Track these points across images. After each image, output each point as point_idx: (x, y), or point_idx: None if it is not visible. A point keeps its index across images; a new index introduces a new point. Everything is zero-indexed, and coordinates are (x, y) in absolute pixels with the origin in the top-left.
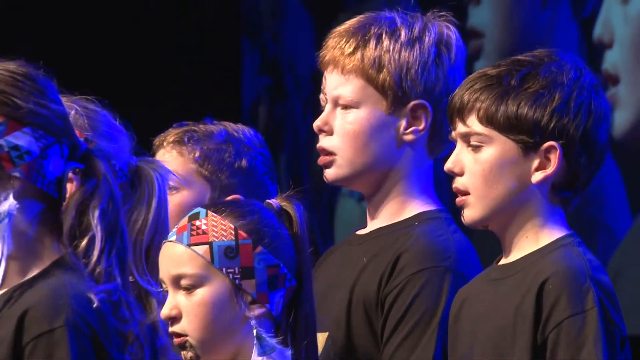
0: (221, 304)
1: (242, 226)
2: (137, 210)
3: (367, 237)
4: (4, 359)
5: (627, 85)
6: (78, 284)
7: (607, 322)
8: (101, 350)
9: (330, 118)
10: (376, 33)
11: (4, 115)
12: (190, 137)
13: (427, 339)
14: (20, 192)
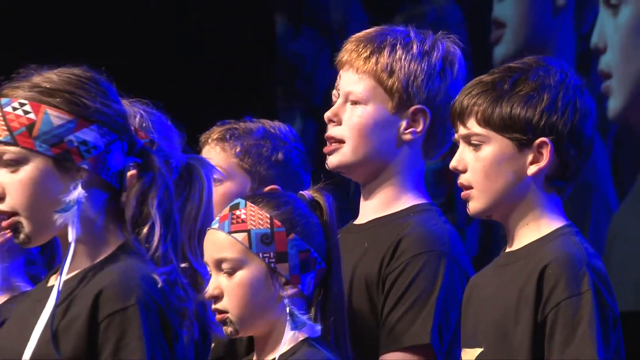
0: (258, 285)
1: (277, 215)
2: (190, 202)
3: (365, 226)
4: (79, 333)
5: (618, 79)
6: (143, 266)
7: (600, 304)
8: (167, 325)
9: (340, 111)
10: (391, 42)
11: (74, 114)
12: (231, 134)
13: (426, 314)
14: (87, 182)
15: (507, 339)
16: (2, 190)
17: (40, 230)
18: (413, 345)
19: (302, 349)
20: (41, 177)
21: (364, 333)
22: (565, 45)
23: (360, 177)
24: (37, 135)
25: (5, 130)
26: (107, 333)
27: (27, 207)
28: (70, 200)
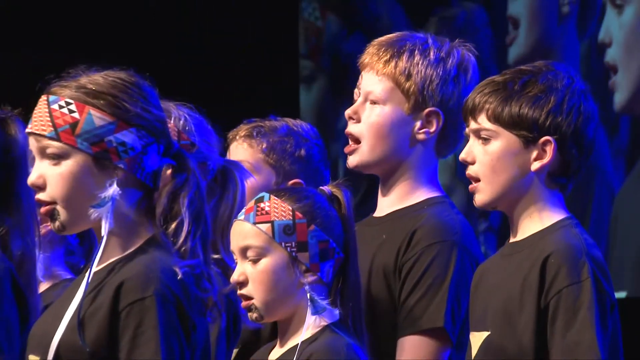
0: (280, 272)
1: (299, 208)
2: (224, 203)
3: (383, 219)
4: (101, 322)
5: (622, 72)
6: (166, 259)
7: (599, 291)
8: (184, 315)
9: (360, 109)
10: (410, 48)
11: (115, 116)
12: (258, 131)
13: (439, 299)
14: (122, 180)
15: (512, 324)
16: (43, 181)
17: (74, 220)
18: (428, 329)
19: (323, 335)
20: (80, 173)
21: (382, 318)
22: (570, 49)
23: (378, 172)
24: (79, 134)
25: (51, 126)
26: (126, 321)
27: (65, 198)
28: (106, 196)
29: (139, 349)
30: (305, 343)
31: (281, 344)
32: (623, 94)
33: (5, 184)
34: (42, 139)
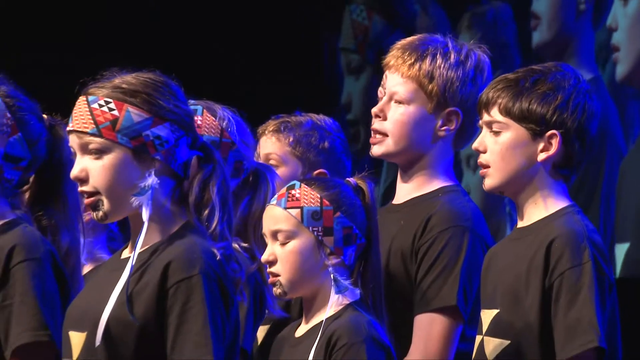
0: (307, 254)
1: (326, 196)
2: (255, 202)
3: (401, 206)
4: (149, 298)
5: (623, 52)
6: (204, 242)
7: (598, 273)
8: (224, 292)
9: (385, 108)
10: (432, 52)
11: (151, 112)
12: (285, 126)
13: (452, 280)
14: (159, 171)
15: (519, 302)
16: (85, 174)
17: (116, 209)
18: (442, 307)
19: (346, 312)
20: (121, 165)
21: (400, 297)
22: (585, 38)
23: (399, 162)
24: (119, 129)
25: (92, 124)
26: (174, 298)
27: (108, 188)
28: (145, 185)
29: (187, 324)
30: (329, 320)
31: (306, 321)
32: (623, 68)
33: (53, 182)
34: (84, 136)
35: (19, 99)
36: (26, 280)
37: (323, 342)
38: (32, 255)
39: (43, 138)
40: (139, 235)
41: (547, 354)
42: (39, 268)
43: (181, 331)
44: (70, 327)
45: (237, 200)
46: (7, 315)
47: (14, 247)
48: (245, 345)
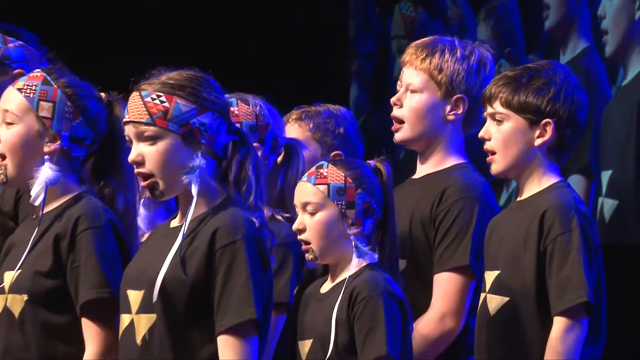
0: (332, 224)
1: (350, 175)
2: (290, 171)
3: (421, 180)
4: (200, 260)
5: (610, 36)
6: (243, 212)
7: (585, 237)
8: (262, 255)
9: (402, 97)
10: (441, 48)
11: (196, 103)
12: (306, 114)
13: (465, 244)
14: (204, 153)
15: (518, 264)
16: (142, 158)
17: (170, 187)
18: (457, 266)
19: (365, 272)
20: (172, 149)
21: (421, 258)
22: (584, 20)
23: (418, 146)
24: (170, 118)
25: (147, 114)
26: (221, 259)
27: (162, 170)
28: (194, 165)
29: (232, 281)
30: (351, 278)
31: (332, 280)
32: (611, 47)
33: (111, 152)
34: (139, 125)
35: (77, 87)
36: (89, 245)
37: (346, 296)
38: (94, 223)
39: (102, 116)
40: (189, 207)
41: (541, 309)
42: (100, 235)
43: (227, 287)
44: (128, 286)
45: (276, 173)
46: (75, 276)
47: (79, 217)
48: (290, 298)
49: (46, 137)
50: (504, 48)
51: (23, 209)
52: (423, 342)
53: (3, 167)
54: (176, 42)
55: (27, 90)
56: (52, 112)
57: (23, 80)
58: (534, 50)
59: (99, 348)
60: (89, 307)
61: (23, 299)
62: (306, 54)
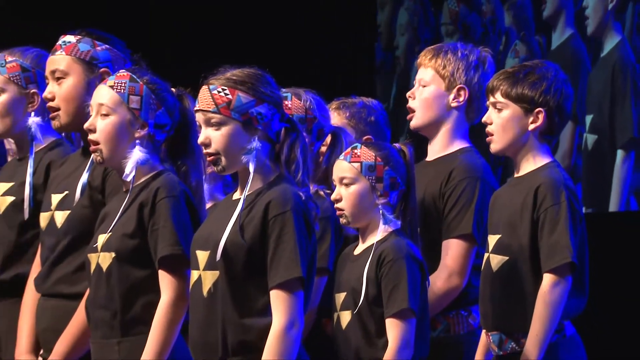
0: (364, 195)
1: (379, 155)
2: (335, 154)
3: (432, 162)
4: (256, 227)
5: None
6: (292, 187)
7: (572, 209)
8: (308, 223)
9: (416, 91)
10: (445, 50)
11: (254, 96)
12: (343, 105)
13: (469, 215)
14: (260, 137)
15: (515, 230)
16: (209, 141)
17: (231, 165)
18: (462, 234)
19: (391, 237)
20: (234, 133)
21: (432, 227)
22: (569, 11)
23: (427, 132)
24: (232, 108)
25: (213, 105)
26: (273, 227)
27: (225, 150)
28: (252, 147)
29: (282, 245)
30: (379, 243)
31: (362, 242)
32: (591, 29)
33: (184, 137)
34: (207, 113)
35: (157, 83)
36: (166, 211)
37: (375, 258)
38: (171, 193)
39: (177, 107)
40: (247, 183)
41: (534, 267)
42: (175, 203)
43: (277, 250)
44: (197, 247)
45: (321, 155)
46: (155, 236)
47: (158, 188)
48: (329, 265)
49: (136, 125)
50: (520, 32)
51: (109, 183)
52: (433, 296)
53: (99, 150)
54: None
55: (117, 87)
56: (140, 104)
57: (112, 79)
58: (539, 33)
59: (172, 295)
60: (165, 261)
61: (111, 256)
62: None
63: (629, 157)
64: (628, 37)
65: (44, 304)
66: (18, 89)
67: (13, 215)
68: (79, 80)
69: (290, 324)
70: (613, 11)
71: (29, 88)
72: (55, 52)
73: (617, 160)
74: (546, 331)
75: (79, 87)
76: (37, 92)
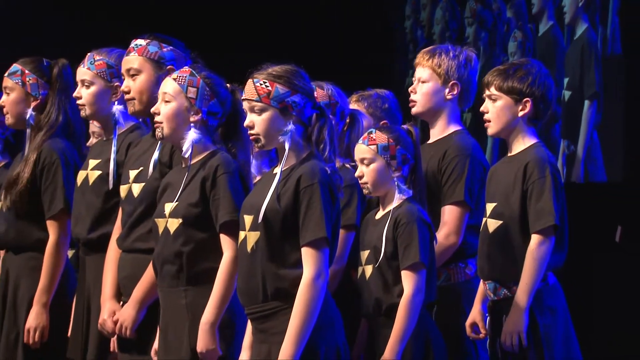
0: (381, 171)
1: (391, 137)
2: (354, 132)
3: (432, 144)
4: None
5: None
6: (320, 163)
7: (554, 182)
8: (332, 193)
9: (416, 86)
10: (439, 52)
11: (290, 87)
12: (361, 97)
13: (461, 185)
14: (295, 121)
15: (508, 199)
16: (253, 124)
17: (269, 143)
18: (456, 201)
19: (404, 204)
20: (273, 118)
21: (433, 197)
22: (550, 9)
23: (427, 118)
24: (272, 98)
25: (256, 94)
26: (303, 196)
27: (265, 132)
28: (287, 130)
29: (310, 210)
30: (395, 209)
31: (382, 208)
32: (567, 19)
33: (235, 124)
34: (251, 102)
35: (212, 78)
36: (225, 184)
37: (392, 221)
38: (228, 169)
39: (229, 99)
40: (283, 159)
41: (524, 229)
42: (232, 177)
43: (307, 215)
44: (244, 212)
45: (343, 133)
46: (216, 205)
47: (218, 165)
48: (356, 222)
49: (192, 111)
50: (518, 22)
51: (175, 160)
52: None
53: (160, 127)
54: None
55: (179, 79)
56: (196, 94)
57: (176, 73)
58: (530, 22)
59: (232, 253)
60: (225, 226)
61: (179, 221)
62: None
63: (592, 105)
64: (592, 25)
65: (124, 258)
66: (104, 82)
67: (100, 186)
68: (150, 76)
69: (317, 275)
70: (582, 7)
71: (113, 82)
72: (130, 54)
73: (585, 108)
74: (533, 281)
75: (149, 82)
76: (120, 85)
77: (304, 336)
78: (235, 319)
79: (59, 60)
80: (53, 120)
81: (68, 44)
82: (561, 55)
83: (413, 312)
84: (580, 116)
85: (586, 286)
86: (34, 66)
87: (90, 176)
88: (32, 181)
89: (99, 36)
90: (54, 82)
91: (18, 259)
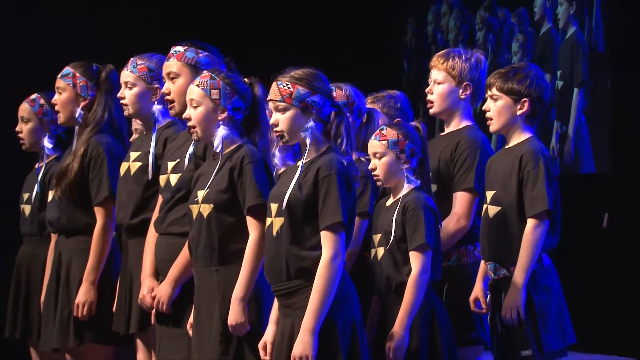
0: (392, 164)
1: (400, 133)
2: (370, 128)
3: (445, 136)
4: (310, 186)
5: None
6: (338, 156)
7: (548, 171)
8: (348, 182)
9: (433, 88)
10: (452, 55)
11: (310, 89)
12: (376, 98)
13: (471, 174)
14: (315, 119)
15: (506, 186)
16: (277, 122)
17: (292, 138)
18: (466, 188)
19: (412, 192)
20: (295, 116)
21: (445, 183)
22: (549, 16)
23: (443, 117)
24: (294, 98)
25: (279, 95)
26: (322, 185)
27: (288, 129)
28: (308, 126)
29: (328, 198)
30: (404, 197)
31: (393, 197)
32: (560, 24)
33: (256, 114)
34: (275, 102)
35: (231, 77)
36: (251, 172)
37: (401, 208)
38: (254, 159)
39: (248, 94)
40: (305, 153)
41: (520, 214)
42: (257, 166)
43: (325, 202)
44: (271, 200)
45: (360, 129)
46: (243, 191)
47: (244, 156)
48: (370, 210)
49: (218, 110)
50: (520, 26)
51: (208, 154)
52: (447, 234)
53: (195, 132)
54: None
55: (202, 85)
56: (219, 95)
57: (198, 79)
58: (531, 27)
59: (258, 234)
60: (252, 209)
61: (211, 207)
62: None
63: (580, 92)
64: (580, 27)
65: (161, 241)
66: (145, 84)
67: (140, 176)
68: (187, 80)
69: (334, 255)
70: (572, 15)
71: (153, 84)
72: (169, 59)
73: (574, 94)
74: (530, 262)
75: (187, 85)
76: (159, 87)
77: (323, 310)
78: (262, 296)
79: (107, 65)
80: (99, 118)
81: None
82: (556, 51)
83: (420, 289)
84: (570, 102)
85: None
86: (84, 70)
87: (132, 167)
88: (81, 172)
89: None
90: (102, 85)
91: (69, 242)
